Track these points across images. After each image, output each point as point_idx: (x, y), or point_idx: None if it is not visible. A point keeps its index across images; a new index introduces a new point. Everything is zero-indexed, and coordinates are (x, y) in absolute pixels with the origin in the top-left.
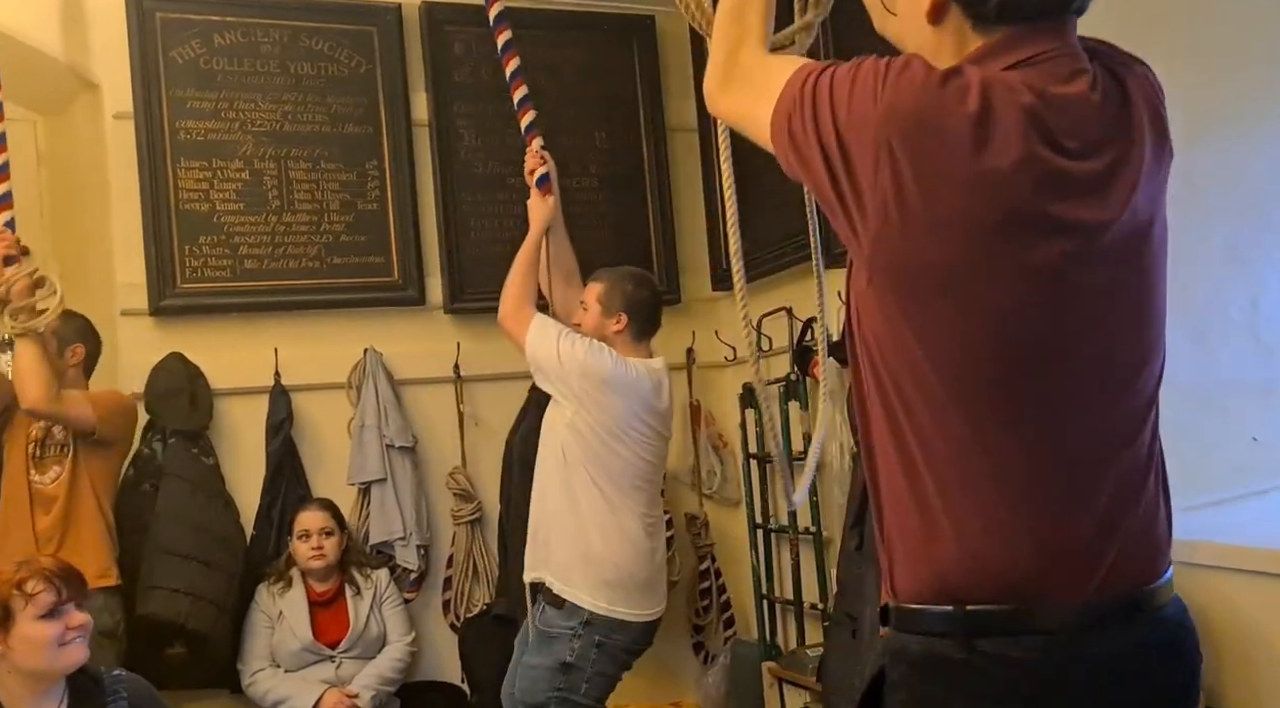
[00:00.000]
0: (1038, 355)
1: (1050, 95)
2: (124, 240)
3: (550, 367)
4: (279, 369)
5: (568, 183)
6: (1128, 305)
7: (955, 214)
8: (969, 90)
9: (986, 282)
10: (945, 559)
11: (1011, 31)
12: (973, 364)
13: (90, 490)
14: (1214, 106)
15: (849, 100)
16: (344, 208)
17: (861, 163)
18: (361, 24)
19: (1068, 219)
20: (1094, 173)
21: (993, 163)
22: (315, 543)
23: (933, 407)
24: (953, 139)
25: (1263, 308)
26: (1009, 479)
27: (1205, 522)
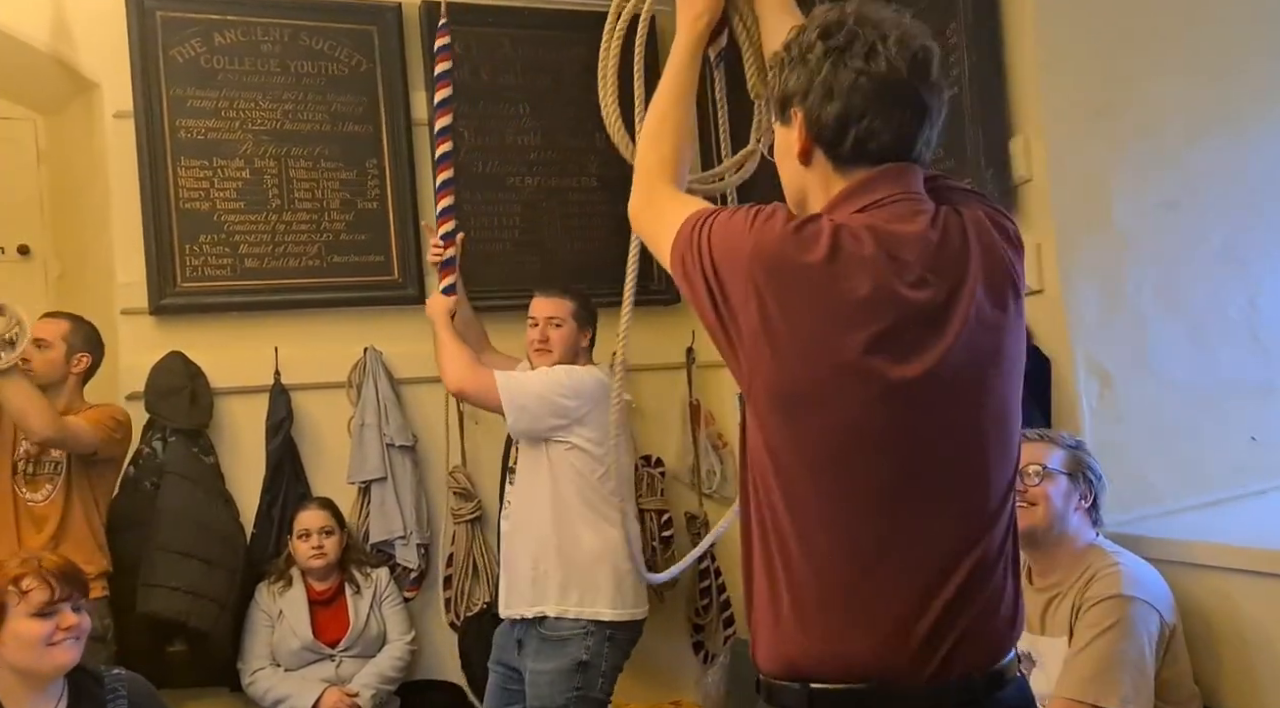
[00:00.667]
0: (884, 463)
1: (890, 232)
2: (124, 239)
3: (534, 405)
4: (279, 368)
5: (566, 183)
6: (975, 421)
7: (814, 341)
8: (820, 236)
9: (842, 397)
10: (792, 640)
11: (865, 175)
12: (824, 468)
13: (81, 508)
14: (1212, 108)
15: (724, 244)
16: (344, 207)
17: (735, 297)
18: (362, 23)
19: (912, 341)
20: (931, 302)
21: (842, 297)
22: (315, 542)
23: (788, 503)
24: (807, 278)
25: (1261, 308)
26: (852, 570)
27: (1204, 522)
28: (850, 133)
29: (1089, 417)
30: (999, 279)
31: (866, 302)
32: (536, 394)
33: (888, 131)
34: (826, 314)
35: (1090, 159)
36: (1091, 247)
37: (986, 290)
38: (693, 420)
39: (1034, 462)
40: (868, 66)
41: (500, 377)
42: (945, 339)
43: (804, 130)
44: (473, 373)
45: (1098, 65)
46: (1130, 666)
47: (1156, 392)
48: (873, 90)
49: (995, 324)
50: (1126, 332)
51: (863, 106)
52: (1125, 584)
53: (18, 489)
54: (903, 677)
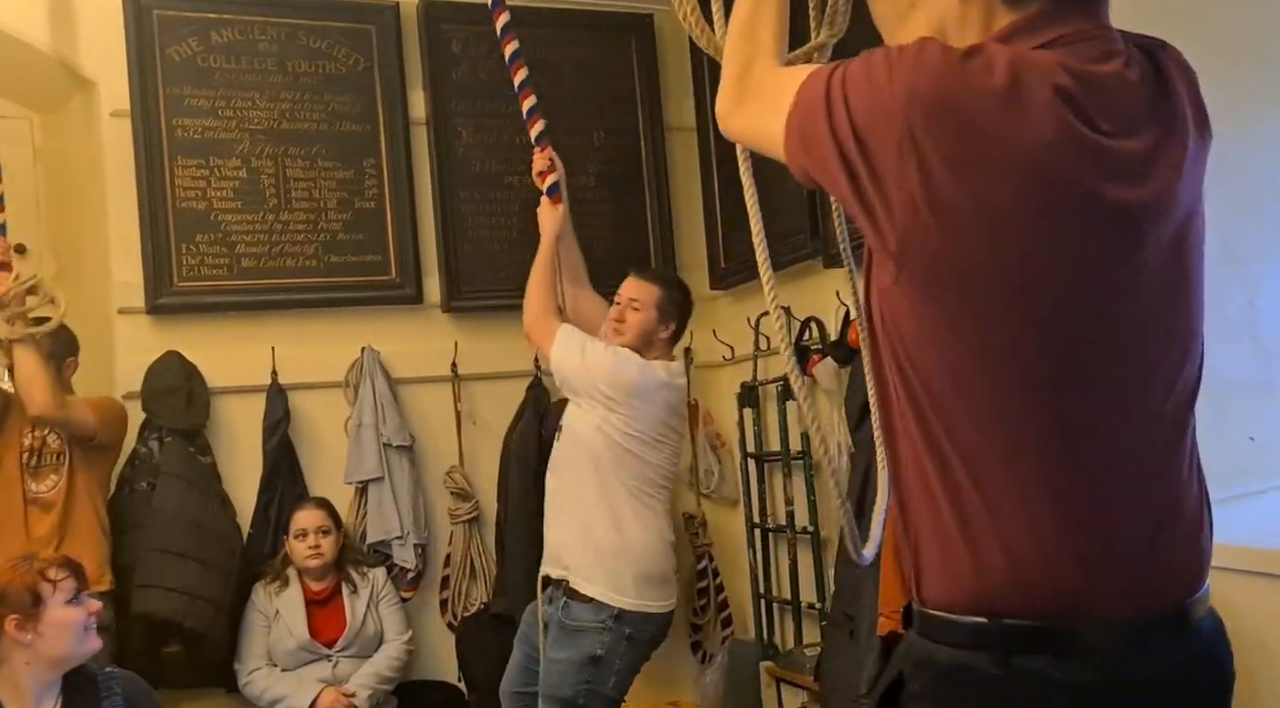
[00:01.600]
0: (1086, 354)
1: (1086, 73)
2: (121, 238)
3: (576, 377)
4: (276, 368)
5: (566, 181)
6: (1172, 302)
7: (991, 201)
8: (994, 67)
9: (1030, 275)
10: (984, 568)
11: (1042, 7)
12: (1017, 365)
13: (87, 497)
14: (1211, 106)
15: (863, 93)
16: (341, 206)
17: (883, 157)
18: (359, 22)
19: (1111, 201)
20: (1135, 154)
21: (1026, 141)
22: (312, 542)
23: (974, 409)
24: (981, 119)
25: (1260, 308)
26: (1055, 487)
27: None
28: None
29: None
30: (1201, 130)
31: (1053, 150)
32: (581, 367)
33: None
34: (1003, 166)
35: None
36: None
37: (1193, 148)
38: (691, 420)
39: None
40: None
41: (562, 334)
42: (1146, 200)
43: None
44: (542, 319)
45: None
46: None
47: None
48: None
49: (1194, 188)
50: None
51: None
52: None
53: (25, 482)
54: (1105, 609)
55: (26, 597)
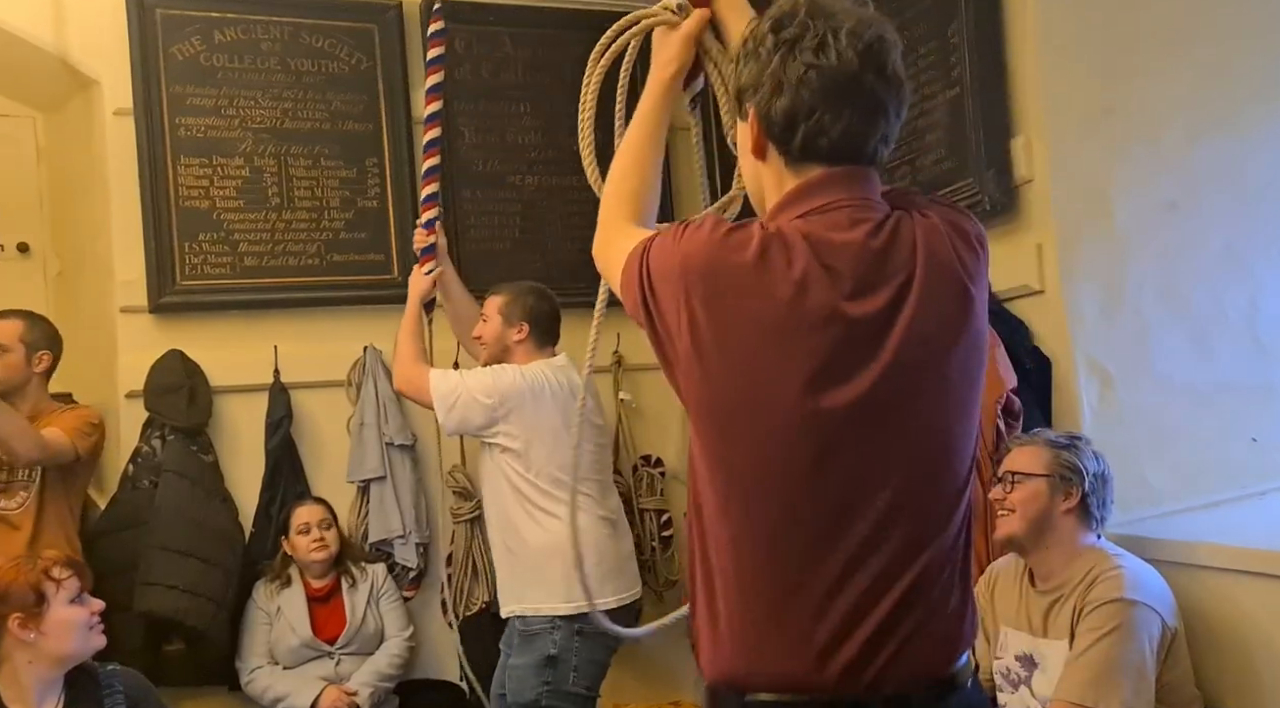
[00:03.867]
0: (815, 483)
1: (826, 240)
2: (123, 237)
3: (463, 404)
4: (278, 367)
5: (566, 181)
6: (915, 439)
7: (744, 352)
8: (750, 241)
9: (770, 415)
10: (726, 651)
11: (816, 174)
12: (752, 483)
13: (56, 516)
14: (1212, 109)
15: (656, 260)
16: (344, 205)
17: (669, 315)
18: (362, 21)
19: (846, 361)
20: (868, 315)
21: (772, 304)
22: (316, 535)
23: (720, 515)
24: (737, 281)
25: (1261, 309)
26: (779, 586)
27: (1205, 523)
28: (800, 128)
29: (1090, 417)
30: (946, 287)
31: (793, 309)
32: (462, 394)
33: (837, 128)
34: (756, 321)
35: (1091, 160)
36: (1092, 247)
37: (932, 300)
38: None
39: (1010, 468)
40: (817, 59)
41: (433, 376)
42: (883, 356)
43: (756, 125)
44: (412, 370)
45: (1099, 66)
46: (1131, 669)
47: (1157, 393)
48: (821, 85)
49: (941, 336)
50: (1127, 333)
51: (811, 102)
52: (1127, 588)
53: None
54: (835, 690)
55: (30, 596)
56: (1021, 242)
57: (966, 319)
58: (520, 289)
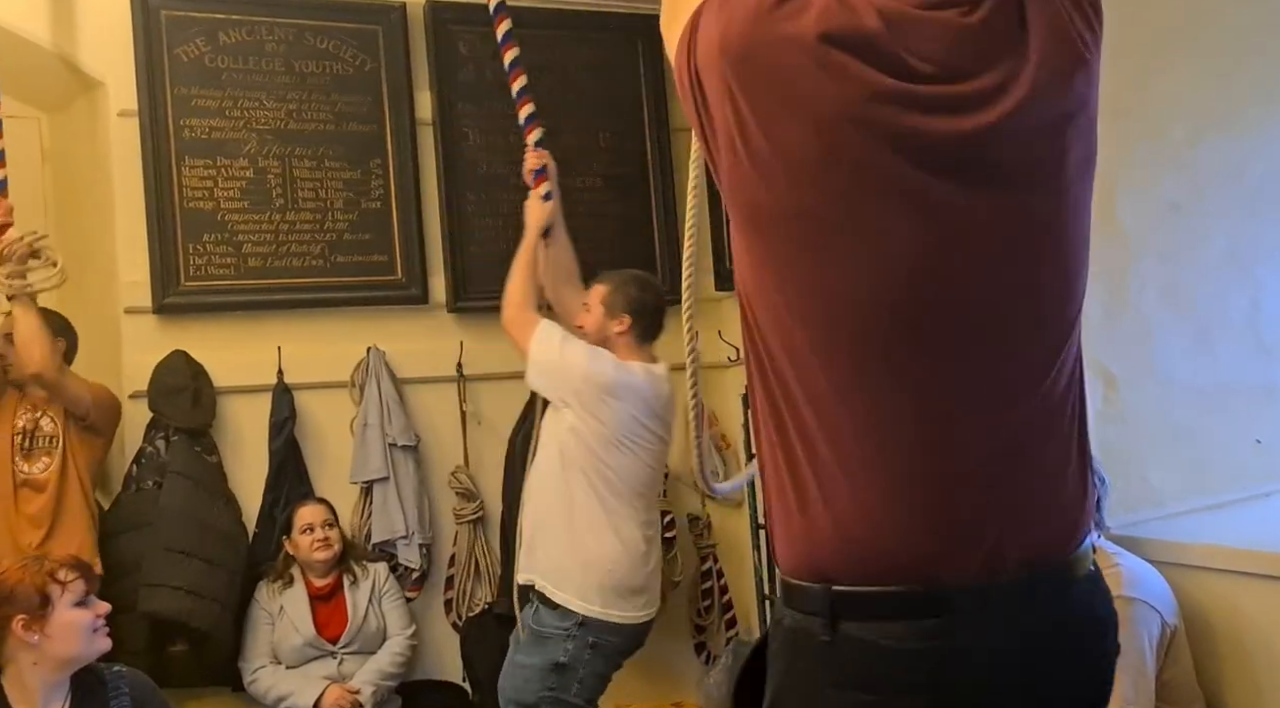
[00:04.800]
0: (911, 306)
1: (904, 17)
2: (128, 238)
3: (553, 372)
4: (282, 368)
5: (572, 182)
6: (1027, 241)
7: (797, 151)
8: (805, 12)
9: (846, 227)
10: (813, 533)
11: None
12: (834, 318)
13: (78, 482)
14: (1216, 109)
15: (702, 35)
16: (348, 206)
17: (711, 99)
18: (367, 23)
19: (933, 141)
20: (960, 95)
21: (833, 92)
22: (321, 535)
23: (796, 363)
24: (786, 69)
25: (1264, 309)
26: (881, 446)
27: (1207, 524)
28: None
29: (1093, 418)
30: (1068, 67)
31: (861, 100)
32: (559, 363)
33: None
34: (809, 117)
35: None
36: (1097, 247)
37: (1050, 88)
38: (696, 421)
39: None
40: None
41: (542, 329)
42: (977, 135)
43: None
44: (521, 313)
45: (1102, 68)
46: (1130, 667)
47: (1161, 393)
48: None
49: (1060, 129)
50: (1131, 333)
51: None
52: (1126, 585)
53: (15, 462)
54: (943, 574)
55: (35, 598)
56: None
57: (1085, 109)
58: (623, 278)
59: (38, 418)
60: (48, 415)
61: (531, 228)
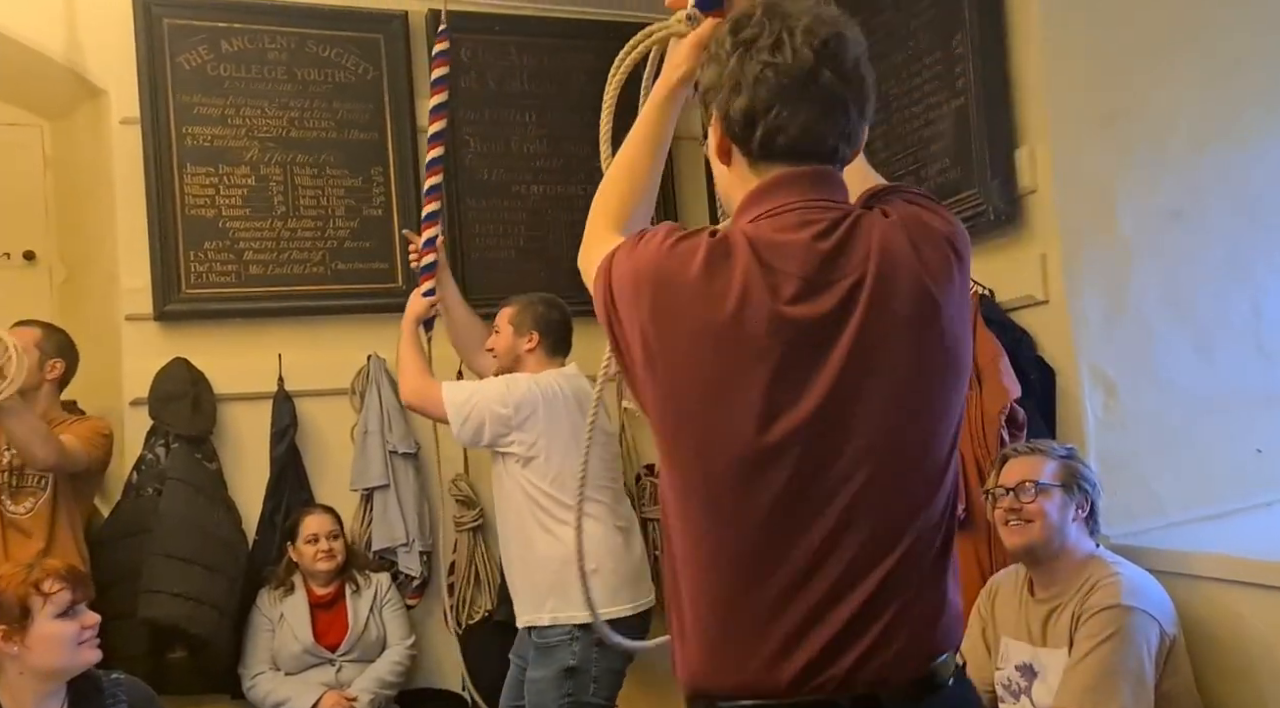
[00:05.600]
0: (763, 486)
1: (770, 243)
2: (129, 245)
3: (478, 418)
4: (283, 375)
5: (572, 190)
6: (874, 442)
7: (690, 363)
8: (696, 252)
9: (721, 424)
10: (692, 657)
11: (776, 174)
12: (702, 488)
13: (67, 520)
14: (1216, 116)
15: (617, 275)
16: (349, 214)
17: (625, 320)
18: (368, 31)
19: (795, 365)
20: (812, 317)
21: (718, 315)
22: (325, 546)
23: (679, 517)
24: (681, 298)
25: (1266, 317)
26: (734, 587)
27: (1209, 533)
28: (758, 127)
29: (1094, 426)
30: (902, 288)
31: (737, 318)
32: (477, 404)
33: (795, 124)
34: (701, 334)
35: (1095, 169)
36: (1096, 256)
37: (886, 302)
38: None
39: (1026, 477)
40: (773, 58)
41: (447, 388)
42: (833, 361)
43: (718, 126)
44: (421, 384)
45: (1103, 75)
46: (1129, 675)
47: (1161, 401)
48: (777, 82)
49: (896, 339)
50: (1131, 341)
51: (769, 99)
52: (1124, 594)
53: (2, 502)
54: (791, 693)
55: (15, 609)
56: (1026, 252)
57: (929, 319)
58: (529, 299)
59: None
60: None
61: (408, 320)
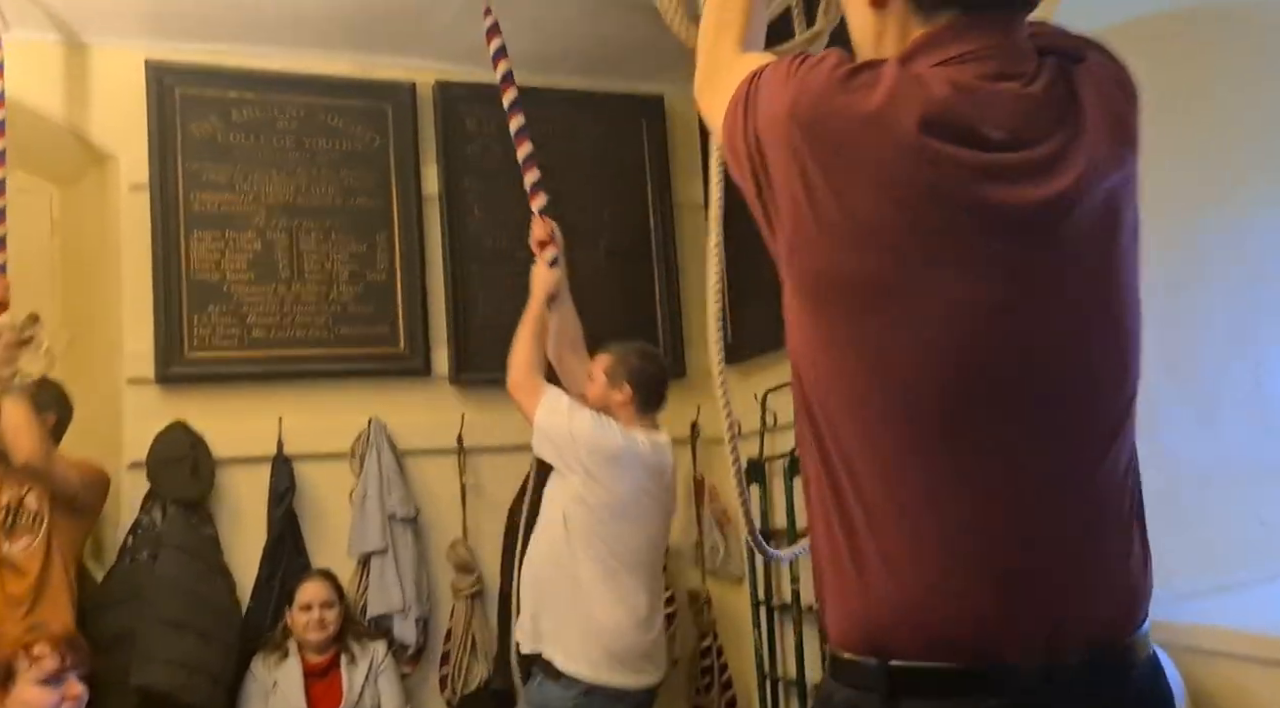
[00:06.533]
0: (979, 373)
1: (971, 90)
2: (134, 308)
3: (560, 440)
4: (282, 438)
5: (576, 256)
6: (1090, 310)
7: (873, 218)
8: (877, 85)
9: (914, 293)
10: (872, 604)
11: (950, 21)
12: (900, 385)
13: (61, 562)
14: (1213, 190)
15: (767, 100)
16: (353, 278)
17: (775, 163)
18: (377, 101)
19: (998, 209)
20: (1030, 161)
21: (891, 161)
22: (317, 615)
23: (860, 430)
24: (849, 138)
25: (1268, 388)
26: (947, 517)
27: (1213, 606)
28: None
29: None
30: (1118, 138)
31: (927, 170)
32: (566, 430)
33: None
34: (877, 184)
35: None
36: None
37: (1104, 158)
38: (696, 496)
39: None
40: None
41: (549, 396)
42: (1043, 200)
43: None
44: (528, 378)
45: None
46: None
47: (1165, 470)
48: None
49: (1118, 199)
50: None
51: None
52: None
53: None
54: (1007, 653)
55: (1, 670)
56: None
57: (1134, 182)
58: (625, 349)
59: (22, 494)
60: (33, 492)
61: (537, 294)
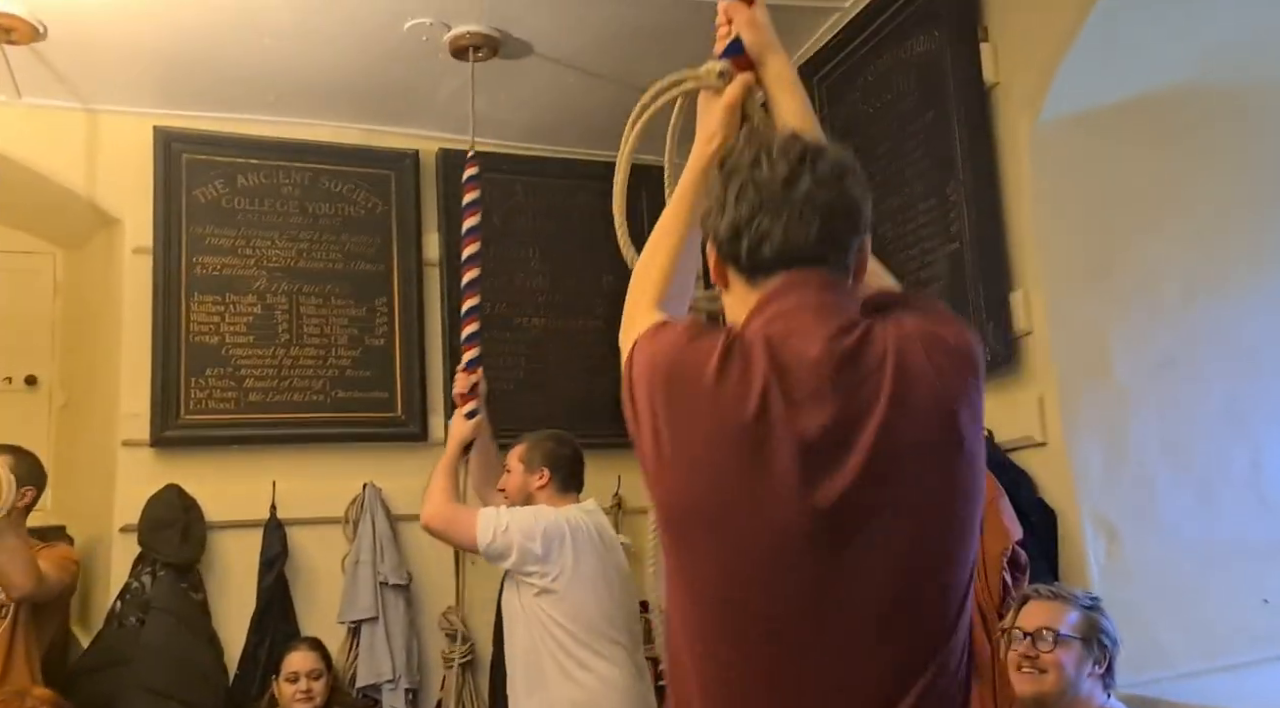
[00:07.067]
0: (773, 599)
1: (786, 347)
2: (131, 371)
3: (509, 549)
4: (275, 502)
5: (575, 324)
6: (882, 567)
7: (701, 461)
8: (714, 350)
9: (729, 524)
10: None
11: (776, 282)
12: (712, 598)
13: (23, 648)
14: (1205, 270)
15: (639, 357)
16: (352, 343)
17: (641, 410)
18: (381, 168)
19: (807, 468)
20: (826, 427)
21: (722, 406)
22: (304, 686)
23: (684, 632)
24: (695, 395)
25: (1265, 467)
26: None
27: (1215, 688)
28: (743, 239)
29: (1098, 573)
30: (919, 400)
31: (751, 422)
32: (510, 527)
33: (778, 232)
34: (713, 435)
35: (1090, 314)
36: (1093, 400)
37: (903, 412)
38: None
39: (1046, 625)
40: (752, 174)
41: (481, 517)
42: (849, 469)
43: (711, 250)
44: (449, 508)
45: (1093, 225)
46: None
47: (1165, 549)
48: (757, 195)
49: (916, 449)
50: (1132, 487)
51: (750, 211)
52: None
53: None
54: None
55: None
56: (1023, 393)
57: (947, 432)
58: (539, 437)
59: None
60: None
61: (452, 444)
